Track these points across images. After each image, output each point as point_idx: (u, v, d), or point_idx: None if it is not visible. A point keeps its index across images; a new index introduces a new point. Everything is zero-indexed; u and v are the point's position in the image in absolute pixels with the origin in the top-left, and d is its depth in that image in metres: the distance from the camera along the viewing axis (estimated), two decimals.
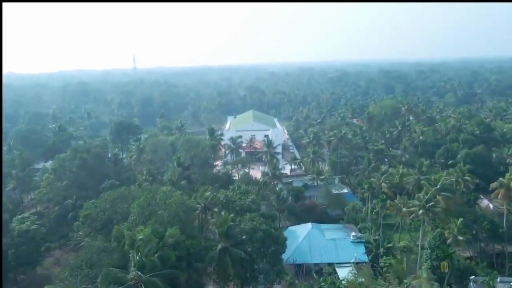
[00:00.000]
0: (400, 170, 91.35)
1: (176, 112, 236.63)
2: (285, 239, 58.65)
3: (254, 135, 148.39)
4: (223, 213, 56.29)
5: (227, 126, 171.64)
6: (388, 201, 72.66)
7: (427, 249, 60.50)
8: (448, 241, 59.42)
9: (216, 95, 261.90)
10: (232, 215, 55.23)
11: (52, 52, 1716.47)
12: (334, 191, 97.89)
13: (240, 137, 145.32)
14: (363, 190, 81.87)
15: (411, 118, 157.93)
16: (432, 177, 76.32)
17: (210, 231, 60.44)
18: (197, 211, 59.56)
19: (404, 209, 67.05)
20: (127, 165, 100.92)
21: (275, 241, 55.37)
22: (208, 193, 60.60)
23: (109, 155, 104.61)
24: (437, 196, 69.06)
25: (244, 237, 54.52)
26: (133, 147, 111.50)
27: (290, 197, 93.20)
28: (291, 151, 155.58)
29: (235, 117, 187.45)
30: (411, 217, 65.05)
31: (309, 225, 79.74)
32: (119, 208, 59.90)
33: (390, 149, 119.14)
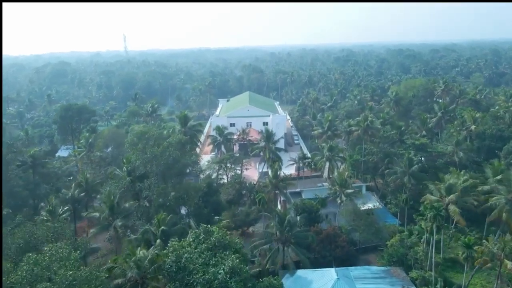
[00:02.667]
0: (462, 178, 60.83)
1: (162, 95, 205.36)
2: None
3: (250, 122, 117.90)
4: None
5: (218, 111, 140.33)
6: (478, 248, 41.66)
7: None
8: None
9: (209, 75, 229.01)
10: None
11: (46, 34, 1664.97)
12: (363, 207, 67.40)
13: (233, 125, 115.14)
14: (422, 217, 50.98)
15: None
16: None
17: None
18: None
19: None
20: (58, 170, 69.79)
21: None
22: (141, 253, 29.71)
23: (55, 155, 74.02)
24: None
25: None
26: (82, 142, 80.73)
27: (299, 217, 63.07)
28: (296, 141, 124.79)
29: (228, 100, 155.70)
30: None
31: (332, 274, 49.43)
32: None
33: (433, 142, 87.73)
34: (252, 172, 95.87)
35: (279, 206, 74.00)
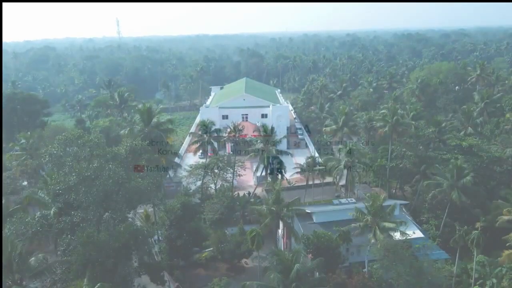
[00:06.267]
0: None
1: (151, 83, 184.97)
2: None
3: (247, 114, 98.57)
4: None
5: (209, 100, 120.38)
6: None
7: None
8: None
9: (203, 60, 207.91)
10: None
11: (42, 21, 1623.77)
12: (397, 235, 47.79)
13: (225, 117, 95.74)
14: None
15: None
16: None
17: None
18: None
19: None
20: None
21: None
22: None
23: None
24: None
25: None
26: (22, 143, 61.24)
27: (311, 257, 43.74)
28: (300, 136, 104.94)
29: (221, 88, 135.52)
30: None
31: None
32: None
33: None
34: (248, 176, 76.78)
35: (279, 233, 54.80)
